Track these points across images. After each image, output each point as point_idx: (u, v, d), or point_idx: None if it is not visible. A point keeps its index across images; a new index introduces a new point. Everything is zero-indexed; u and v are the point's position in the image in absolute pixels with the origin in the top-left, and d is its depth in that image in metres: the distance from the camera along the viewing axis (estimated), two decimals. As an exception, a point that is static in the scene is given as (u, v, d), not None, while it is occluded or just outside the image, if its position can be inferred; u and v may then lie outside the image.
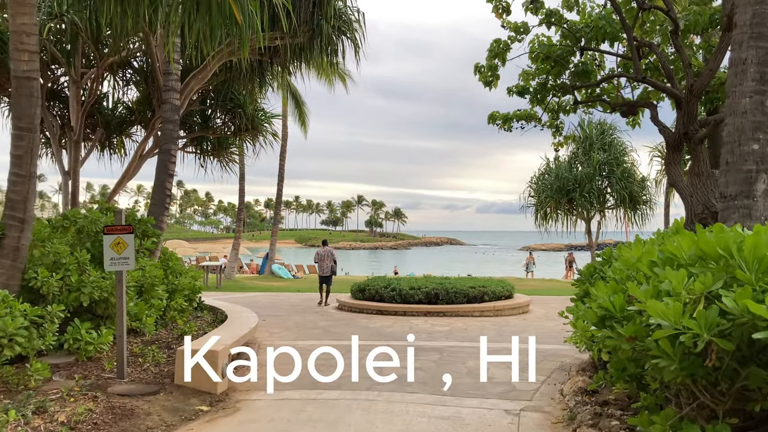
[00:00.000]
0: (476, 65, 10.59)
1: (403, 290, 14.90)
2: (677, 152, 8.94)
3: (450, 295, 14.67)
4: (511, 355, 8.97)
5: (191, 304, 10.60)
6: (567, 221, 23.99)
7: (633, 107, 10.23)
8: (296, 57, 12.56)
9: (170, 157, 9.25)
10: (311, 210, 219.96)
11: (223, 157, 18.14)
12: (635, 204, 23.21)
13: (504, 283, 16.22)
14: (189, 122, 17.49)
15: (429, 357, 8.85)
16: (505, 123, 11.04)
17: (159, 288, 8.76)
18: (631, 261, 4.67)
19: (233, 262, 25.41)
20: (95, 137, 16.48)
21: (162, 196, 9.25)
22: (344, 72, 28.11)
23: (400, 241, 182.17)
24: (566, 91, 10.67)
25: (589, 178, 22.45)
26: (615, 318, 4.24)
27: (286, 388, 6.93)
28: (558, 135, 11.57)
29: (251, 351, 8.14)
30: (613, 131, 23.72)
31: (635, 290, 3.81)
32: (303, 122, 27.70)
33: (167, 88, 9.36)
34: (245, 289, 22.96)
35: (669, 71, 8.93)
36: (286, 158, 27.34)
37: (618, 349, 4.22)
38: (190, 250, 41.49)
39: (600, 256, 7.52)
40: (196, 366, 6.43)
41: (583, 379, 6.27)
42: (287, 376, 7.44)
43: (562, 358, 8.80)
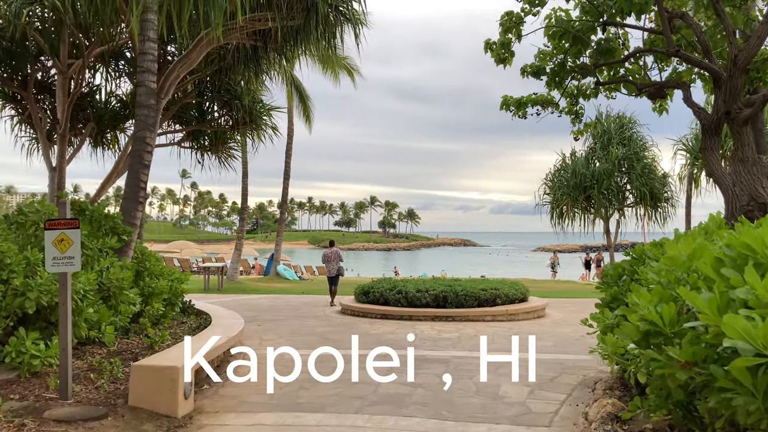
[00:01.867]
0: (487, 41, 9.54)
1: (409, 293, 13.88)
2: (715, 137, 7.86)
3: (459, 299, 13.63)
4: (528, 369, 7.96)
5: (173, 309, 9.65)
6: (584, 220, 22.84)
7: (662, 89, 9.14)
8: (292, 40, 11.58)
9: (145, 146, 8.31)
10: (324, 211, 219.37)
11: (222, 153, 17.22)
12: (656, 202, 22.03)
13: (518, 285, 15.15)
14: (185, 116, 16.63)
15: (433, 370, 7.82)
16: (519, 109, 9.98)
17: (129, 291, 7.81)
18: (679, 259, 3.63)
19: (236, 263, 24.50)
20: (86, 132, 15.62)
21: (135, 190, 8.31)
22: (351, 66, 27.17)
23: (414, 242, 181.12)
24: (586, 73, 9.61)
25: (608, 174, 21.30)
26: (663, 334, 3.21)
27: (261, 409, 5.94)
28: (578, 122, 10.48)
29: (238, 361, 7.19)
30: (633, 125, 22.57)
31: (695, 299, 2.77)
32: (308, 117, 26.76)
33: (142, 69, 8.45)
34: (248, 291, 22.04)
35: (706, 44, 7.83)
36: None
37: (667, 376, 3.19)
38: (197, 251, 40.79)
39: (629, 254, 6.47)
40: (155, 384, 5.47)
41: (612, 401, 5.24)
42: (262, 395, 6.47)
43: (583, 371, 7.74)
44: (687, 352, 2.91)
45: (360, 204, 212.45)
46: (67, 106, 13.68)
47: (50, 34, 13.45)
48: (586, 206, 22.53)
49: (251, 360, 8.70)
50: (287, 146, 27.22)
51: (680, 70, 9.50)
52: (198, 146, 17.12)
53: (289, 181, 28.07)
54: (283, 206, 28.45)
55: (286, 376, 7.52)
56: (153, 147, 8.63)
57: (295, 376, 7.46)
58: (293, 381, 7.21)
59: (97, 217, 7.70)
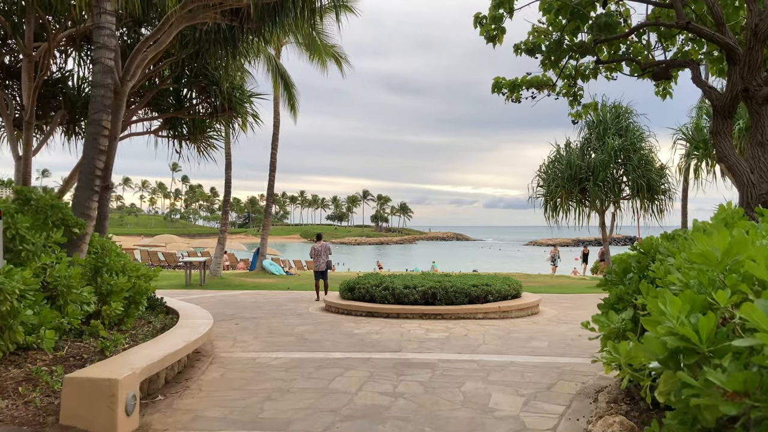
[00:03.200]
0: (477, 15, 8.73)
1: (396, 290, 13.15)
2: (728, 119, 7.13)
3: (449, 295, 12.92)
4: (522, 375, 7.24)
5: (137, 308, 8.88)
6: (579, 213, 22.13)
7: (669, 68, 8.39)
8: (269, 19, 10.78)
9: (101, 130, 7.52)
10: (317, 205, 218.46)
11: (200, 141, 16.40)
12: (653, 194, 21.34)
13: (510, 280, 14.45)
14: (162, 103, 15.81)
15: (417, 377, 7.09)
16: (512, 91, 9.23)
17: (82, 290, 7.04)
18: (712, 256, 2.89)
19: (219, 257, 23.66)
20: (55, 119, 14.77)
21: (90, 178, 7.51)
22: (339, 54, 26.32)
23: (406, 236, 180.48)
24: (585, 52, 8.86)
25: (604, 165, 20.59)
26: (699, 353, 2.49)
27: (219, 426, 5.18)
28: (576, 104, 9.74)
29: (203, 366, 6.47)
30: (630, 115, 21.86)
31: (752, 311, 2.05)
32: (292, 106, 25.88)
33: (98, 44, 7.64)
34: (231, 286, 21.26)
35: (719, 14, 7.07)
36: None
37: (704, 407, 2.46)
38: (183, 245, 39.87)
39: (635, 248, 5.75)
40: (90, 399, 4.71)
41: (620, 420, 4.52)
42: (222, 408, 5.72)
43: (582, 377, 7.03)
44: (736, 380, 2.18)
45: (352, 198, 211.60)
46: (33, 91, 12.83)
47: (13, 14, 12.62)
48: (581, 198, 21.82)
49: (218, 365, 7.97)
50: (273, 137, 26.36)
51: (686, 49, 8.78)
52: (176, 135, 16.30)
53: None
54: (269, 199, 27.56)
55: (254, 384, 6.81)
56: (109, 130, 7.83)
57: (263, 385, 6.74)
58: (260, 389, 6.50)
59: (42, 208, 6.92)
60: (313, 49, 24.66)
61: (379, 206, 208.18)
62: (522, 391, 6.43)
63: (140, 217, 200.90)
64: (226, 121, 16.54)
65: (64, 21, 13.01)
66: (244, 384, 6.77)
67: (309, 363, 7.88)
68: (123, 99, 10.16)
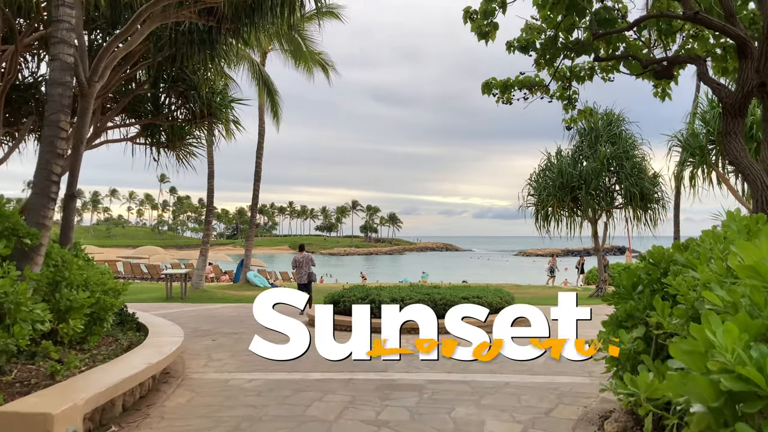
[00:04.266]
0: (466, 10, 8.16)
1: (383, 303, 12.52)
2: (738, 118, 6.60)
3: (439, 309, 12.27)
4: (518, 398, 6.63)
5: (102, 326, 8.20)
6: (571, 223, 21.62)
7: (672, 65, 7.87)
8: (246, 18, 10.22)
9: (58, 132, 6.89)
10: (306, 216, 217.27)
11: (180, 149, 15.76)
12: (646, 203, 20.89)
13: (502, 292, 13.87)
14: (140, 109, 15.19)
15: (403, 401, 6.48)
16: (504, 92, 8.69)
17: (33, 307, 6.36)
18: (766, 269, 2.32)
19: (201, 269, 22.91)
20: (26, 125, 14.09)
21: (46, 184, 6.87)
22: (326, 61, 25.80)
23: (396, 247, 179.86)
24: (581, 51, 8.36)
25: (596, 173, 20.11)
26: (763, 396, 1.90)
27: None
28: (570, 108, 9.22)
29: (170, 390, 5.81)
30: (622, 122, 21.44)
31: None
32: (275, 113, 25.26)
33: (56, 39, 7.02)
34: (213, 300, 20.53)
35: (730, 6, 6.56)
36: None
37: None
38: (167, 257, 39.03)
39: (644, 258, 5.19)
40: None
41: (635, 456, 3.94)
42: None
43: (584, 399, 6.44)
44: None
45: (341, 208, 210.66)
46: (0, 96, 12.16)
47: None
48: (573, 208, 21.33)
49: (186, 387, 7.31)
50: (258, 145, 25.71)
51: (688, 47, 8.30)
52: (153, 142, 15.65)
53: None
54: (253, 209, 26.85)
55: (223, 410, 6.17)
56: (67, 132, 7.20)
57: (232, 412, 6.10)
58: (229, 417, 5.85)
59: (-11, 215, 6.28)
60: (299, 56, 24.12)
61: (368, 217, 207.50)
62: (518, 417, 5.83)
63: (128, 228, 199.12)
64: (208, 128, 15.98)
65: (31, 22, 12.38)
66: (211, 411, 6.13)
67: (286, 385, 7.24)
68: (90, 101, 9.54)
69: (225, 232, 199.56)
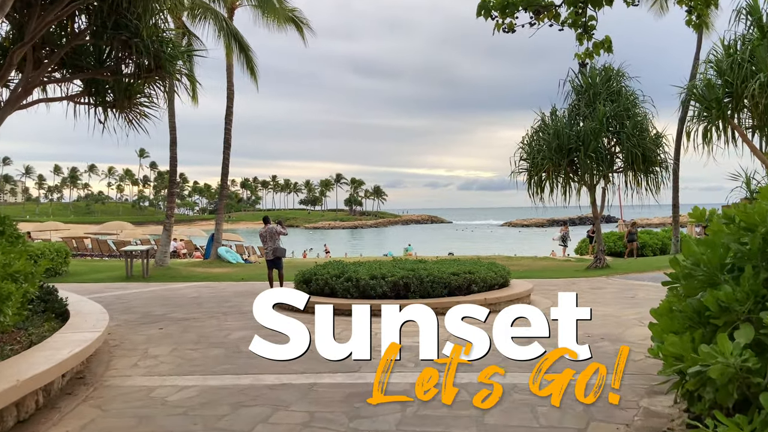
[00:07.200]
0: None
1: (361, 281, 10.85)
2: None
3: (425, 286, 10.66)
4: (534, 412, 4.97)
5: (3, 315, 6.42)
6: (568, 189, 19.94)
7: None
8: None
9: None
10: (289, 189, 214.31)
11: (129, 109, 13.78)
12: (648, 165, 19.24)
13: (496, 266, 12.23)
14: (81, 63, 13.17)
15: (378, 421, 4.79)
16: (504, 14, 6.90)
17: None
18: None
19: (165, 245, 20.96)
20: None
21: None
22: (299, 18, 23.67)
23: (381, 220, 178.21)
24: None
25: (595, 134, 18.39)
26: None
27: None
28: (586, 39, 7.44)
29: None
30: (622, 78, 19.68)
31: None
32: (252, 70, 23.05)
33: None
34: (177, 278, 18.73)
35: None
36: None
37: None
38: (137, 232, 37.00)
39: (733, 218, 3.49)
40: None
41: None
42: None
43: (620, 412, 4.79)
44: None
45: (325, 182, 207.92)
46: None
47: None
48: (569, 173, 19.64)
49: (96, 401, 5.59)
50: (227, 110, 23.57)
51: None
52: (99, 101, 13.66)
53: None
54: (224, 179, 24.72)
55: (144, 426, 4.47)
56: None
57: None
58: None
59: None
60: (268, 8, 21.97)
61: (352, 190, 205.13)
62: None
63: (108, 204, 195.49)
64: (167, 87, 14.08)
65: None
66: None
67: (226, 397, 5.51)
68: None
69: (208, 207, 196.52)
